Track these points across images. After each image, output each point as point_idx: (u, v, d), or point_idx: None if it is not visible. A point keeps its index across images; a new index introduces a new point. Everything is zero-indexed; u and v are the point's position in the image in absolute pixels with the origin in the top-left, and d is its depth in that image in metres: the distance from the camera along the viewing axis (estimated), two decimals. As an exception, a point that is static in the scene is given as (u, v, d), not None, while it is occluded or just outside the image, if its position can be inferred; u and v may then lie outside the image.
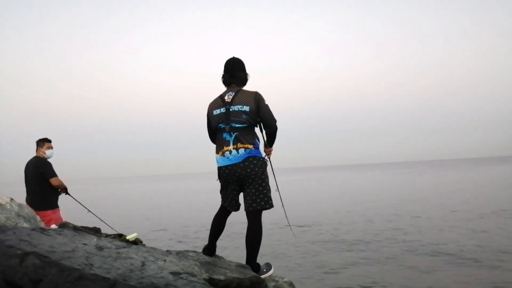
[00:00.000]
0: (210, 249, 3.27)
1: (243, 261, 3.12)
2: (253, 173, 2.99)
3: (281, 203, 3.45)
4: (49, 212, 5.05)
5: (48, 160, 5.30)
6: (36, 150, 5.32)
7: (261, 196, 3.00)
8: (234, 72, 3.18)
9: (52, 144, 5.42)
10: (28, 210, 3.56)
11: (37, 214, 4.98)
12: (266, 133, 3.20)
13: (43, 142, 5.35)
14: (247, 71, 3.27)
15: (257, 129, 3.17)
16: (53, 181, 5.14)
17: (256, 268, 3.07)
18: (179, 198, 29.72)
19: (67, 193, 5.35)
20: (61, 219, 5.05)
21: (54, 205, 5.20)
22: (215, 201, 3.43)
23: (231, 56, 3.26)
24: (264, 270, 3.13)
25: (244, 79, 3.23)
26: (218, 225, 3.27)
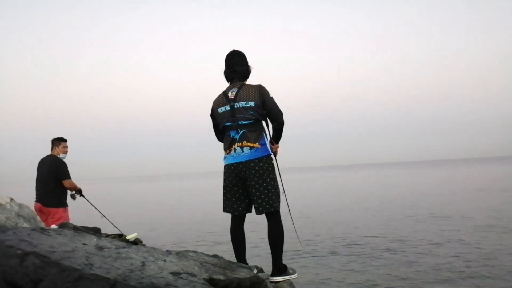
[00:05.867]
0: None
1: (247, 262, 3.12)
2: (258, 174, 2.91)
3: (287, 208, 3.32)
4: (61, 210, 5.07)
5: (63, 160, 5.28)
6: (52, 148, 5.27)
7: (266, 198, 2.92)
8: (235, 66, 3.06)
9: (67, 144, 5.35)
10: (28, 210, 3.56)
11: (49, 211, 5.00)
12: (273, 128, 3.11)
13: (59, 142, 5.30)
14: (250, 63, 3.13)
15: (264, 123, 3.08)
16: (66, 183, 5.12)
17: (283, 268, 3.01)
18: (179, 198, 29.72)
19: (81, 195, 5.34)
20: (69, 219, 5.06)
21: (65, 204, 5.22)
22: (215, 201, 3.42)
23: (231, 50, 3.13)
24: (290, 271, 3.06)
25: (246, 72, 3.10)
26: (237, 238, 3.12)
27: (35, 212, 3.73)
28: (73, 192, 5.29)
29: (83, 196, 5.38)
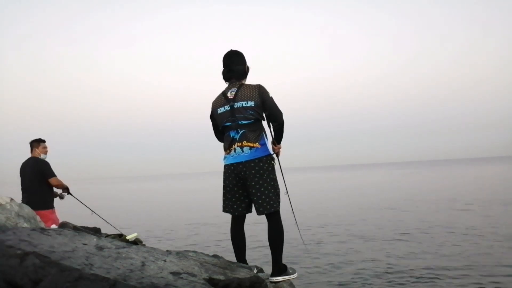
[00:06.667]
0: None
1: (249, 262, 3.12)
2: (258, 175, 2.90)
3: (290, 208, 3.31)
4: (47, 212, 5.05)
5: (45, 160, 5.28)
6: (32, 150, 5.25)
7: (267, 199, 2.91)
8: (232, 66, 3.06)
9: (47, 144, 5.37)
10: (28, 210, 3.56)
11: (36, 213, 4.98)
12: (273, 128, 3.09)
13: (38, 143, 5.29)
14: (248, 63, 3.12)
15: (264, 123, 3.06)
16: (53, 180, 5.12)
17: (283, 268, 3.02)
18: (178, 198, 29.70)
19: (68, 193, 5.34)
20: (58, 220, 5.04)
21: (51, 206, 5.19)
22: (215, 201, 3.41)
23: (229, 49, 3.12)
24: (290, 271, 3.06)
25: (243, 72, 3.09)
26: (237, 238, 3.11)
27: (35, 212, 3.73)
28: (61, 192, 5.27)
29: (71, 194, 5.36)
